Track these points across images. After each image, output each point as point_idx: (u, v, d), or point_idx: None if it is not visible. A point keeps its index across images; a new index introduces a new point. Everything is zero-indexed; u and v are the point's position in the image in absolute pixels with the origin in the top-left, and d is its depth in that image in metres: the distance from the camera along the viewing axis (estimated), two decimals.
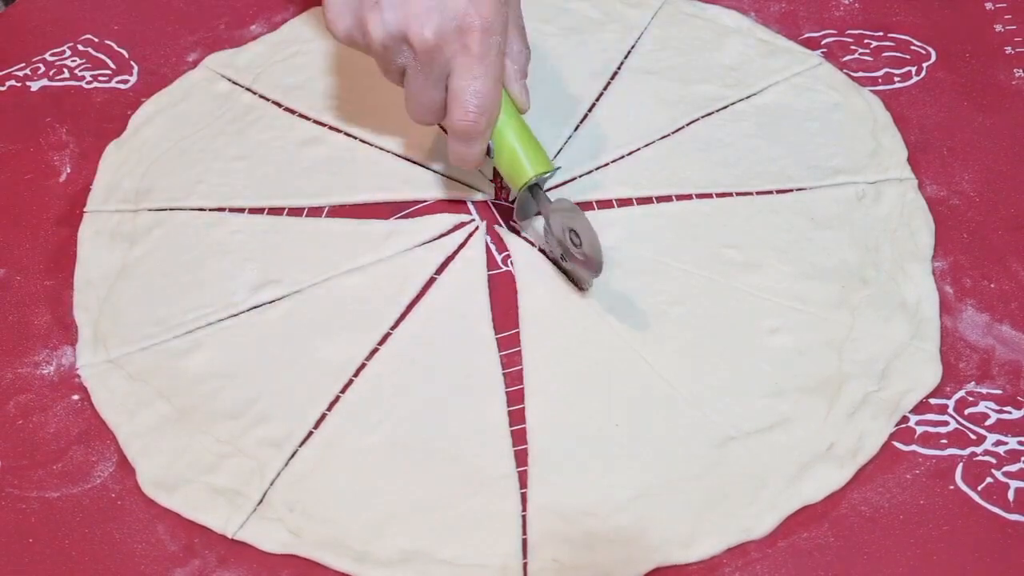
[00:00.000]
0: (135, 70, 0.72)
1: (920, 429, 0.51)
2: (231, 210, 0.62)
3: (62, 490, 0.50)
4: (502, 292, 0.57)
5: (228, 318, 0.57)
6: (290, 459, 0.51)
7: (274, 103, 0.68)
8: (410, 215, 0.62)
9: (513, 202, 0.62)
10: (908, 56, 0.69)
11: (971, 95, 0.66)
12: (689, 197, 0.61)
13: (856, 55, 0.69)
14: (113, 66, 0.72)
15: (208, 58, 0.72)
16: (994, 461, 0.49)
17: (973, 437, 0.50)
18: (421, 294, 0.58)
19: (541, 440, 0.51)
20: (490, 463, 0.50)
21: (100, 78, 0.72)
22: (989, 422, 0.51)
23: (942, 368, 0.52)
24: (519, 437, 0.51)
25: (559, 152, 0.64)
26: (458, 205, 0.62)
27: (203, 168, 0.64)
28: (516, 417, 0.52)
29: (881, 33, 0.71)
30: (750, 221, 0.60)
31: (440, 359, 0.54)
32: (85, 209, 0.63)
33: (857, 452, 0.49)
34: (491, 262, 0.59)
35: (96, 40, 0.74)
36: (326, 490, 0.49)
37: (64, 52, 0.74)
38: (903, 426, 0.51)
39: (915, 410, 0.51)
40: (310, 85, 0.69)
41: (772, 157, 0.63)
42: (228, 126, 0.67)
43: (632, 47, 0.71)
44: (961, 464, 0.49)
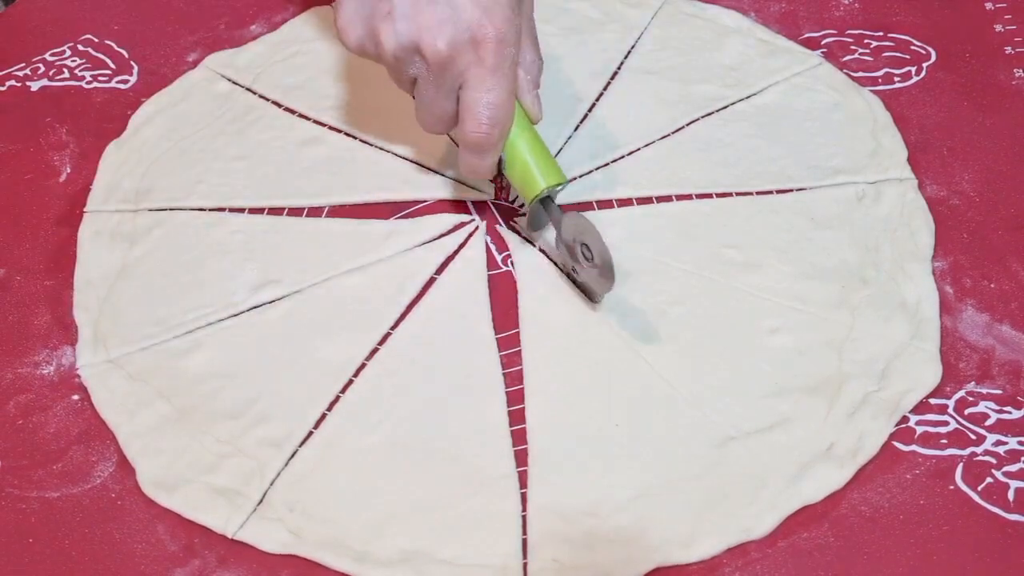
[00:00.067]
0: (135, 70, 0.72)
1: (920, 429, 0.50)
2: (231, 210, 0.62)
3: (62, 490, 0.50)
4: (502, 292, 0.57)
5: (228, 318, 0.57)
6: (290, 459, 0.51)
7: (274, 103, 0.68)
8: (410, 215, 0.62)
9: (514, 203, 0.62)
10: (908, 56, 0.69)
11: (971, 95, 0.66)
12: (689, 197, 0.61)
13: (856, 55, 0.69)
14: (113, 66, 0.72)
15: (208, 58, 0.72)
16: (994, 461, 0.49)
17: (973, 437, 0.50)
18: (421, 294, 0.58)
19: (541, 440, 0.51)
20: (490, 463, 0.50)
21: (100, 78, 0.72)
22: (989, 422, 0.51)
23: (942, 368, 0.52)
24: (519, 437, 0.51)
25: (559, 152, 0.64)
26: (458, 205, 0.62)
27: (203, 168, 0.64)
28: (516, 417, 0.52)
29: (881, 33, 0.71)
30: (750, 221, 0.60)
31: (440, 359, 0.54)
32: (85, 209, 0.63)
33: (857, 452, 0.49)
34: (491, 262, 0.59)
35: (96, 40, 0.74)
36: (326, 490, 0.49)
37: (64, 52, 0.74)
38: (903, 426, 0.51)
39: (915, 410, 0.51)
40: (310, 85, 0.69)
41: (772, 157, 0.63)
42: (228, 126, 0.67)
43: (632, 47, 0.71)
44: (961, 464, 0.49)
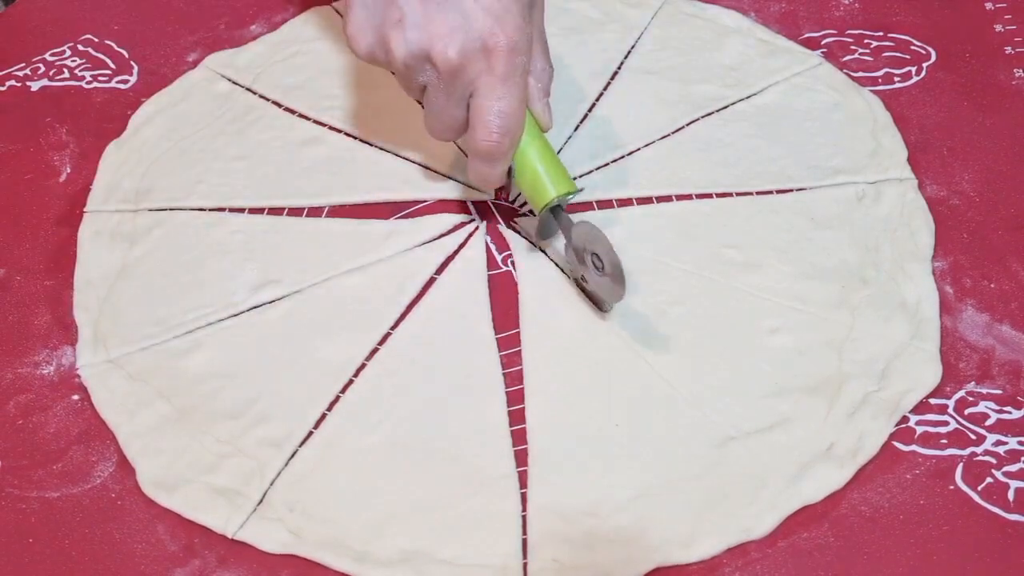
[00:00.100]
0: (135, 70, 0.72)
1: (920, 429, 0.50)
2: (231, 210, 0.62)
3: (62, 490, 0.50)
4: (502, 292, 0.57)
5: (228, 318, 0.57)
6: (290, 459, 0.51)
7: (274, 103, 0.68)
8: (410, 215, 0.62)
9: (514, 203, 0.62)
10: (908, 56, 0.69)
11: (971, 95, 0.66)
12: (689, 197, 0.61)
13: (856, 55, 0.69)
14: (113, 66, 0.72)
15: (208, 58, 0.72)
16: (994, 461, 0.49)
17: (973, 437, 0.50)
18: (421, 294, 0.58)
19: (541, 440, 0.51)
20: (490, 463, 0.50)
21: (100, 78, 0.72)
22: (989, 422, 0.51)
23: (942, 368, 0.52)
24: (519, 437, 0.51)
25: (559, 152, 0.64)
26: (458, 205, 0.62)
27: (203, 168, 0.64)
28: (516, 417, 0.52)
29: (881, 33, 0.71)
30: (750, 221, 0.60)
31: (440, 359, 0.54)
32: (85, 209, 0.63)
33: (857, 452, 0.49)
34: (491, 262, 0.59)
35: (96, 40, 0.74)
36: (326, 490, 0.49)
37: (64, 52, 0.74)
38: (903, 426, 0.51)
39: (915, 410, 0.51)
40: (310, 85, 0.69)
41: (772, 157, 0.63)
42: (228, 126, 0.67)
43: (632, 47, 0.71)
44: (961, 464, 0.49)
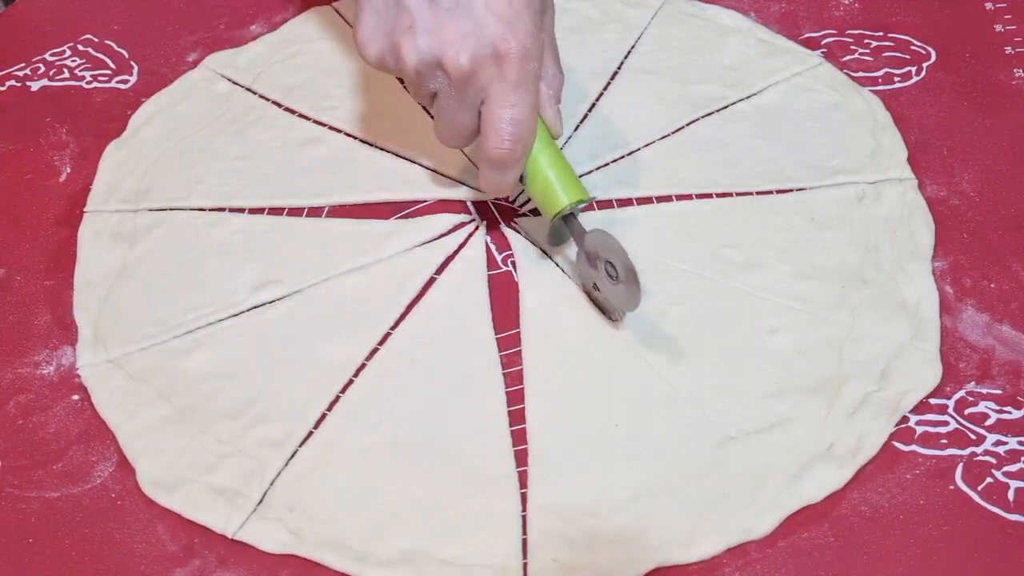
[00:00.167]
0: (135, 70, 0.72)
1: (920, 429, 0.50)
2: (231, 210, 0.62)
3: (62, 490, 0.50)
4: (502, 292, 0.57)
5: (228, 318, 0.57)
6: (290, 459, 0.51)
7: (274, 103, 0.68)
8: (410, 215, 0.62)
9: (514, 203, 0.62)
10: (908, 56, 0.69)
11: (971, 95, 0.66)
12: (689, 197, 0.61)
13: (856, 55, 0.69)
14: (113, 66, 0.72)
15: (208, 58, 0.72)
16: (994, 461, 0.49)
17: (973, 437, 0.50)
18: (421, 294, 0.58)
19: (541, 440, 0.51)
20: (490, 463, 0.50)
21: (100, 78, 0.72)
22: (989, 422, 0.51)
23: (942, 368, 0.52)
24: (519, 437, 0.51)
25: None
26: (458, 205, 0.62)
27: (203, 168, 0.64)
28: (516, 417, 0.52)
29: (881, 33, 0.71)
30: (750, 221, 0.60)
31: (440, 359, 0.54)
32: (85, 209, 0.63)
33: (857, 452, 0.49)
34: (491, 262, 0.59)
35: (96, 40, 0.74)
36: (326, 490, 0.49)
37: (64, 52, 0.74)
38: (903, 426, 0.51)
39: (915, 410, 0.51)
40: (310, 85, 0.69)
41: (772, 157, 0.63)
42: (228, 126, 0.67)
43: (632, 47, 0.71)
44: (961, 464, 0.49)
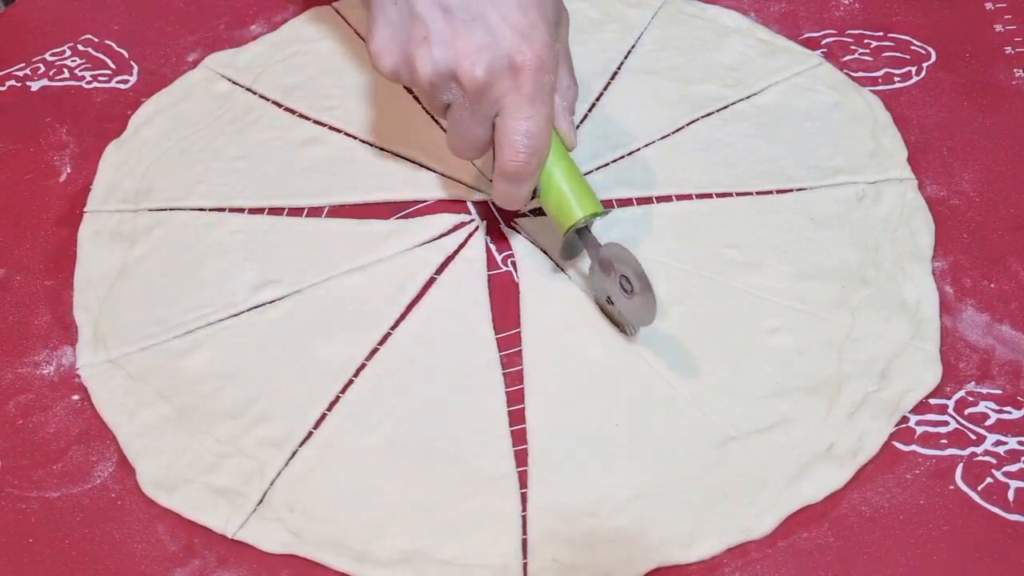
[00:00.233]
0: (135, 70, 0.72)
1: (920, 429, 0.50)
2: (231, 210, 0.62)
3: (62, 490, 0.50)
4: (502, 292, 0.57)
5: (228, 318, 0.57)
6: (290, 459, 0.51)
7: (274, 103, 0.68)
8: (410, 215, 0.62)
9: None
10: (908, 56, 0.69)
11: (971, 95, 0.66)
12: (689, 197, 0.61)
13: (856, 55, 0.69)
14: (113, 66, 0.72)
15: (208, 58, 0.72)
16: (994, 461, 0.49)
17: (973, 437, 0.50)
18: (421, 294, 0.58)
19: (541, 440, 0.51)
20: (490, 463, 0.50)
21: (100, 78, 0.72)
22: (989, 422, 0.51)
23: (942, 368, 0.52)
24: (519, 437, 0.51)
25: None
26: (458, 205, 0.62)
27: (203, 168, 0.64)
28: (516, 417, 0.52)
29: (881, 33, 0.71)
30: (750, 221, 0.60)
31: (440, 359, 0.54)
32: (85, 209, 0.63)
33: (857, 452, 0.49)
34: (491, 262, 0.59)
35: (96, 40, 0.74)
36: (326, 490, 0.49)
37: (64, 52, 0.74)
38: (903, 426, 0.51)
39: (915, 410, 0.51)
40: (310, 85, 0.69)
41: (772, 157, 0.63)
42: (228, 126, 0.67)
43: (632, 47, 0.71)
44: (961, 464, 0.49)
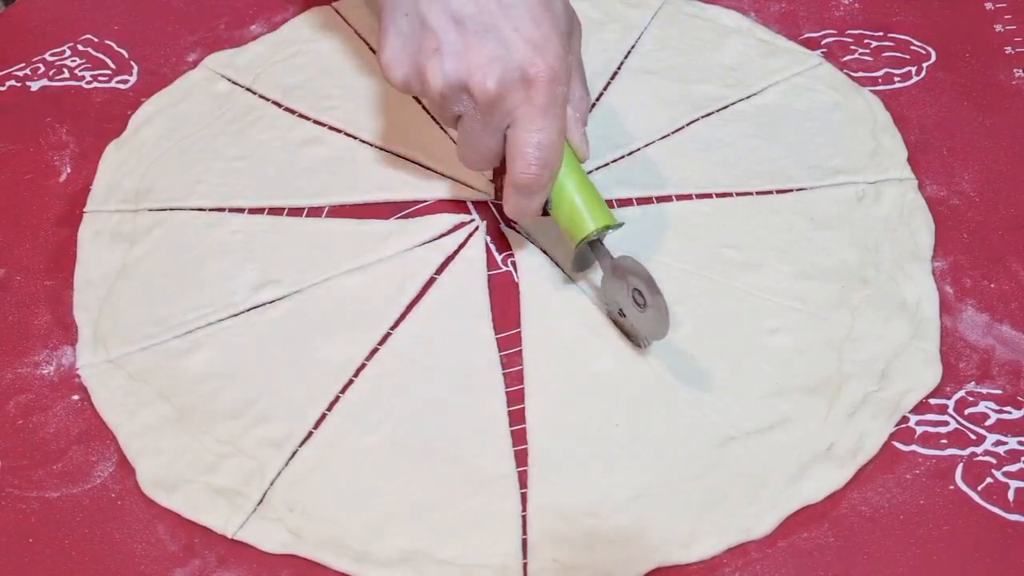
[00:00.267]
0: (135, 70, 0.72)
1: (920, 429, 0.51)
2: (231, 210, 0.62)
3: (62, 490, 0.50)
4: (502, 292, 0.57)
5: (228, 318, 0.57)
6: (290, 459, 0.51)
7: (274, 103, 0.68)
8: (410, 215, 0.62)
9: None
10: (908, 56, 0.69)
11: (971, 95, 0.66)
12: (689, 197, 0.61)
13: (856, 55, 0.69)
14: (113, 66, 0.72)
15: (208, 58, 0.72)
16: (994, 461, 0.49)
17: (973, 437, 0.50)
18: (421, 294, 0.58)
19: (541, 440, 0.51)
20: (490, 463, 0.50)
21: (100, 78, 0.72)
22: (989, 422, 0.51)
23: (942, 368, 0.52)
24: (519, 437, 0.51)
25: None
26: (458, 205, 0.62)
27: (203, 168, 0.64)
28: (516, 417, 0.52)
29: (881, 33, 0.71)
30: (750, 221, 0.60)
31: (440, 359, 0.54)
32: (85, 209, 0.63)
33: (857, 452, 0.49)
34: (491, 262, 0.59)
35: (96, 40, 0.74)
36: (326, 490, 0.49)
37: (64, 52, 0.74)
38: (903, 426, 0.51)
39: (915, 410, 0.51)
40: (310, 85, 0.69)
41: (772, 157, 0.63)
42: (228, 126, 0.67)
43: (632, 47, 0.71)
44: (961, 464, 0.49)
